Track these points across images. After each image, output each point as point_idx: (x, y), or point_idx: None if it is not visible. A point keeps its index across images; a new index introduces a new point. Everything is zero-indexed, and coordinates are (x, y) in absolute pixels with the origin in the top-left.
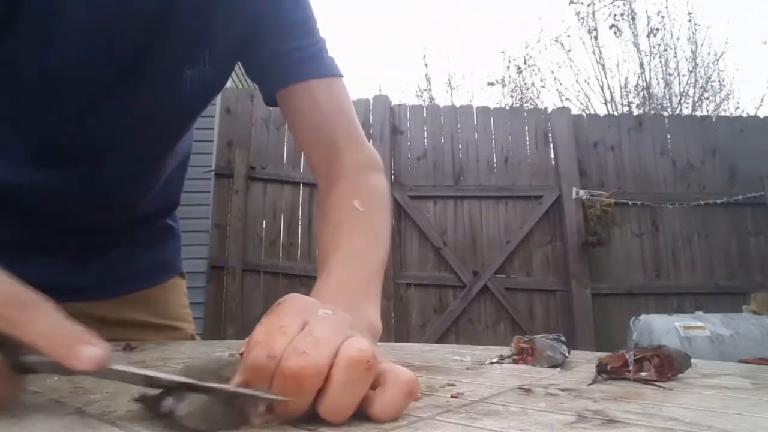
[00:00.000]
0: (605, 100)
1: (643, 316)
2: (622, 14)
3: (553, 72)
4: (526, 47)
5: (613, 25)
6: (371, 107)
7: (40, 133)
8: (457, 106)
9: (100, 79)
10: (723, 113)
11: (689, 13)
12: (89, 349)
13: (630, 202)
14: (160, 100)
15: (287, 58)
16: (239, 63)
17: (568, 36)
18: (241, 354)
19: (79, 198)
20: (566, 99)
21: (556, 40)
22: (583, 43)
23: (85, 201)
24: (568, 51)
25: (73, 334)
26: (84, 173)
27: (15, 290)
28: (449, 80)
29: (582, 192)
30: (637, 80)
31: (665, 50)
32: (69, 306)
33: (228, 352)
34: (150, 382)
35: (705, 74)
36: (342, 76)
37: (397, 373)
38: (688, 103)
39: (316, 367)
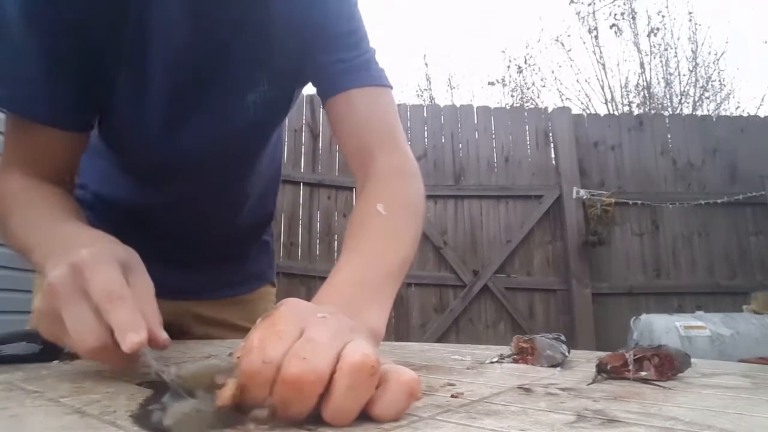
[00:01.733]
0: (605, 100)
1: (643, 316)
2: (622, 14)
3: (553, 72)
4: (526, 47)
5: (613, 25)
6: None
7: (138, 158)
8: (458, 105)
9: (176, 107)
10: (723, 113)
11: (689, 13)
12: (131, 336)
13: (630, 202)
14: (228, 124)
15: (331, 70)
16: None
17: (569, 36)
18: (238, 358)
19: (179, 212)
20: (566, 98)
21: (557, 40)
22: (584, 43)
23: (185, 215)
24: (569, 51)
25: (129, 325)
26: (179, 192)
27: (112, 285)
28: (449, 80)
29: (582, 191)
30: (638, 80)
31: (666, 50)
32: (175, 304)
33: (228, 351)
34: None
35: (705, 74)
36: (388, 86)
37: (399, 373)
38: (688, 103)
39: (316, 372)
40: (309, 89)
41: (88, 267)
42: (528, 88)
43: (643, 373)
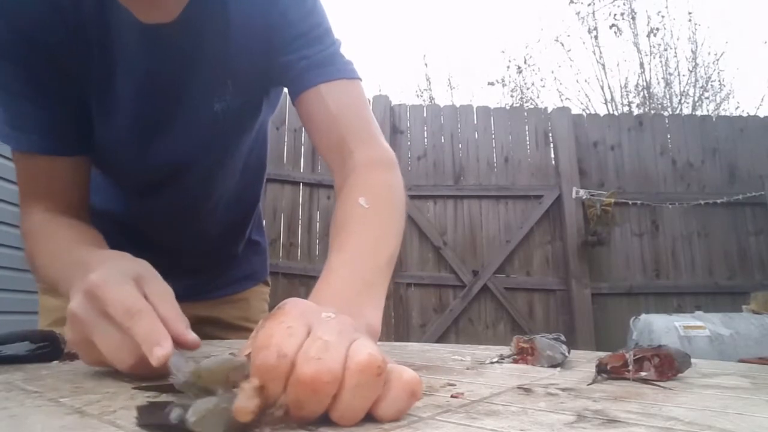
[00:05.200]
0: (605, 100)
1: (643, 316)
2: (622, 14)
3: (553, 72)
4: (526, 47)
5: (613, 25)
6: (371, 107)
7: (117, 173)
8: (457, 105)
9: (147, 126)
10: (723, 113)
11: (689, 13)
12: (156, 350)
13: (630, 202)
14: (198, 135)
15: (296, 67)
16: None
17: (568, 36)
18: (247, 355)
19: (165, 217)
20: (566, 98)
21: (556, 40)
22: (583, 43)
23: (171, 220)
24: (568, 51)
25: (152, 338)
26: (162, 199)
27: (127, 301)
28: (449, 80)
29: (582, 192)
30: (637, 80)
31: (665, 50)
32: None
33: (228, 351)
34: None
35: (705, 74)
36: (356, 78)
37: (401, 373)
38: (688, 103)
39: (331, 372)
40: None
41: (101, 289)
42: (528, 88)
43: (643, 373)
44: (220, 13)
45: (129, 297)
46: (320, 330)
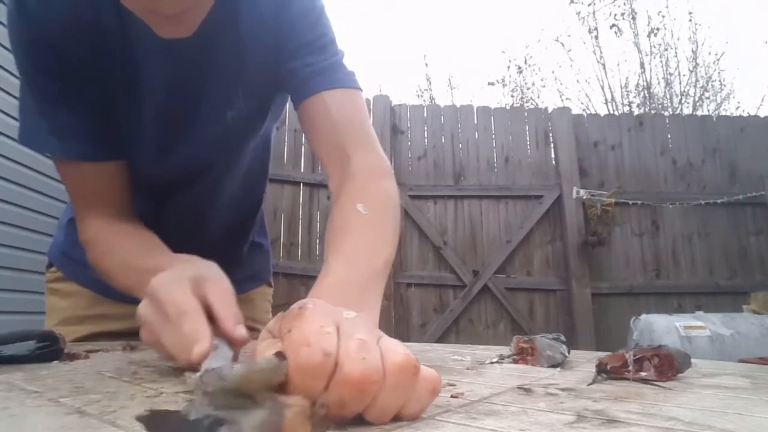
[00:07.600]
0: (606, 100)
1: (643, 316)
2: (622, 14)
3: (553, 72)
4: (526, 47)
5: (613, 25)
6: (371, 107)
7: (134, 177)
8: (458, 105)
9: (165, 134)
10: (723, 113)
11: (689, 13)
12: (195, 348)
13: (630, 202)
14: (212, 141)
15: (300, 74)
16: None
17: (569, 36)
18: (276, 355)
19: (175, 218)
20: (567, 98)
21: (557, 40)
22: (584, 43)
23: (182, 220)
24: (569, 51)
25: (192, 337)
26: (174, 201)
27: (178, 303)
28: (449, 80)
29: (582, 191)
30: (638, 80)
31: (666, 50)
32: None
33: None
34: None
35: (705, 74)
36: (357, 88)
37: (421, 372)
38: (688, 103)
39: (378, 372)
40: None
41: (158, 293)
42: (528, 88)
43: (643, 374)
44: (233, 26)
45: (180, 299)
46: (350, 328)
